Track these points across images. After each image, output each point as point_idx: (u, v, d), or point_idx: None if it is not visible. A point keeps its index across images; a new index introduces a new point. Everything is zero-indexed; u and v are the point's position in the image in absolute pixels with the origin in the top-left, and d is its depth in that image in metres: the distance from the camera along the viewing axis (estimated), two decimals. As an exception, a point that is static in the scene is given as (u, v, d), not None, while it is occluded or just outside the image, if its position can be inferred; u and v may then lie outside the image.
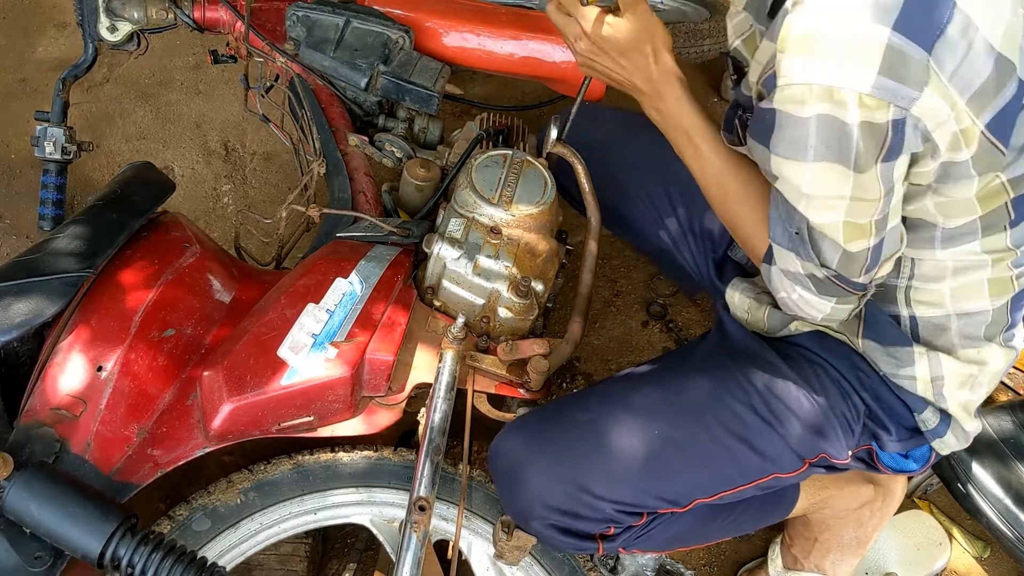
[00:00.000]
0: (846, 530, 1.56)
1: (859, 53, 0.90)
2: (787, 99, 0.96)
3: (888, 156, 0.96)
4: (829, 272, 1.09)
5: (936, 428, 1.22)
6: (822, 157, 0.97)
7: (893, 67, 0.90)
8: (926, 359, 1.18)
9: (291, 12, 1.65)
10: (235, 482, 1.35)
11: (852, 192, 0.99)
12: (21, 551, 1.13)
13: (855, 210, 1.01)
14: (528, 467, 1.21)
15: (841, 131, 0.94)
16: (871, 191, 0.99)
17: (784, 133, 0.99)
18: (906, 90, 0.91)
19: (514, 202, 1.44)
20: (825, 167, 0.97)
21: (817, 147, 0.96)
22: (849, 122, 0.93)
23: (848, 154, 0.95)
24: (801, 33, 0.93)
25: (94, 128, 2.37)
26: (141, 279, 1.34)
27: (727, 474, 1.23)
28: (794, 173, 1.01)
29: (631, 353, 2.08)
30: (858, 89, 0.90)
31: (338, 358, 1.26)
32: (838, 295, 1.12)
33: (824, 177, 0.99)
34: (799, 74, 0.93)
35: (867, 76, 0.90)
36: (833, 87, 0.91)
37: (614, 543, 1.27)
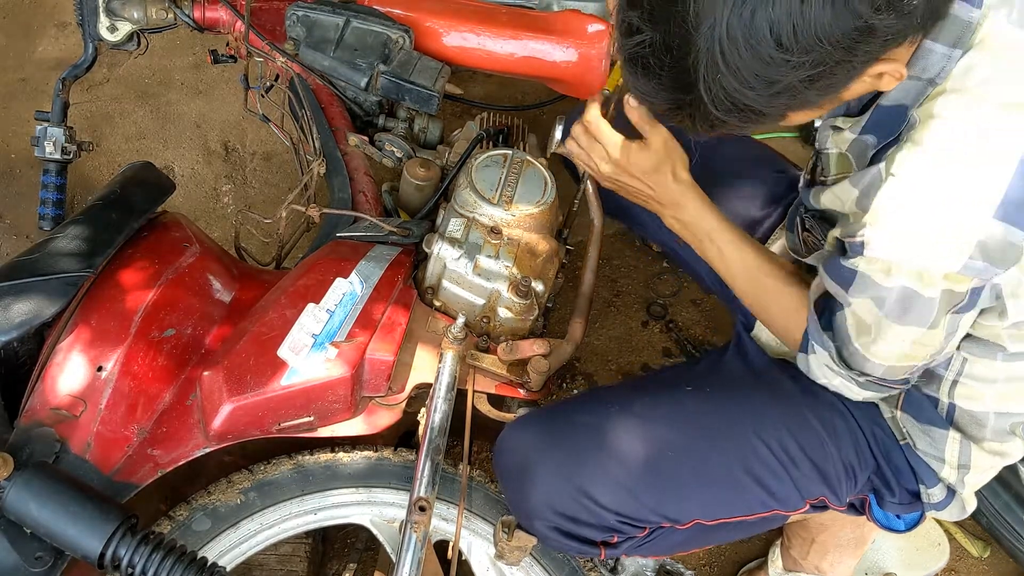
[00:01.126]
0: (844, 531, 1.56)
1: (955, 241, 0.90)
2: (873, 270, 0.97)
3: (960, 311, 0.98)
4: (872, 378, 1.11)
5: (938, 503, 1.23)
6: (896, 318, 0.99)
7: (987, 252, 0.90)
8: (957, 445, 1.18)
9: (291, 12, 1.65)
10: (235, 482, 1.35)
11: (916, 338, 1.02)
12: (21, 551, 1.13)
13: (915, 351, 1.03)
14: (538, 467, 1.20)
15: (921, 304, 0.96)
16: (936, 338, 1.02)
17: (863, 289, 1.00)
18: (994, 269, 0.92)
19: (514, 202, 1.44)
20: (895, 324, 1.00)
21: (893, 308, 0.98)
22: (930, 296, 0.95)
23: (924, 319, 0.98)
24: (896, 211, 0.93)
25: (94, 128, 2.37)
26: (141, 279, 1.34)
27: (731, 504, 1.24)
28: (866, 313, 1.02)
29: (631, 353, 2.08)
30: (947, 269, 0.92)
31: (338, 358, 1.26)
32: (880, 392, 1.14)
33: (892, 327, 1.01)
34: (889, 251, 0.94)
35: (959, 260, 0.91)
36: (923, 271, 0.93)
37: (616, 550, 1.26)
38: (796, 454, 1.21)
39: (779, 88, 0.86)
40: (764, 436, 1.21)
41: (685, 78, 0.88)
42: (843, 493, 1.24)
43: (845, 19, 0.82)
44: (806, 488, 1.22)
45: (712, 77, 0.86)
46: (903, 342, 1.02)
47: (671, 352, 2.10)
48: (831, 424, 1.22)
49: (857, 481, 1.23)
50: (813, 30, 0.82)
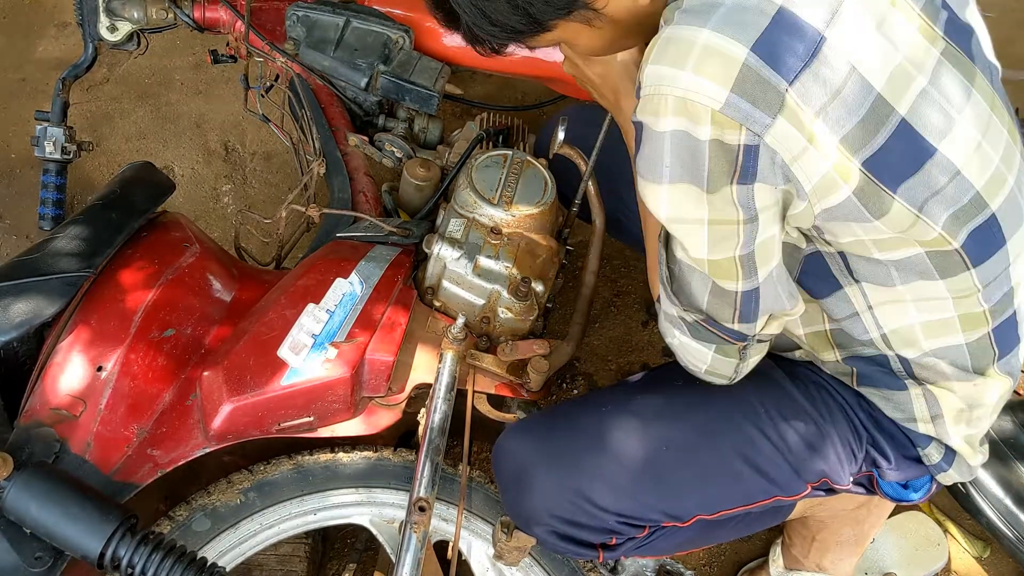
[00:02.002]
0: (844, 528, 1.56)
1: (714, 66, 0.90)
2: (646, 109, 0.95)
3: (742, 179, 0.95)
4: (698, 315, 1.09)
5: (939, 463, 1.21)
6: (677, 178, 0.96)
7: (746, 88, 0.90)
8: (922, 398, 1.17)
9: (291, 12, 1.65)
10: (235, 482, 1.35)
11: (709, 214, 0.98)
12: (21, 551, 1.13)
13: (716, 236, 1.00)
14: (535, 473, 1.20)
15: (694, 148, 0.93)
16: (728, 212, 0.98)
17: (644, 149, 0.99)
18: (758, 114, 0.90)
19: (514, 202, 1.44)
20: (680, 188, 0.97)
21: (672, 166, 0.96)
22: (701, 139, 0.92)
23: (700, 173, 0.95)
24: (664, 44, 0.93)
25: (94, 128, 2.37)
26: (141, 279, 1.34)
27: (732, 494, 1.23)
28: (653, 197, 1.01)
29: (631, 353, 2.08)
30: (710, 105, 0.90)
31: (338, 358, 1.26)
32: (714, 342, 1.12)
33: (680, 197, 0.98)
34: (656, 80, 0.93)
35: (720, 92, 0.90)
36: (687, 98, 0.91)
37: (615, 552, 1.26)
38: (791, 438, 1.20)
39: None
40: (758, 423, 1.21)
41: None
42: (844, 471, 1.23)
43: None
44: (805, 470, 1.22)
45: None
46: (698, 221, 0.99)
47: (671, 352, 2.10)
48: (822, 403, 1.22)
49: (856, 457, 1.23)
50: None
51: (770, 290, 1.06)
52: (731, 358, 1.14)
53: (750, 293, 1.05)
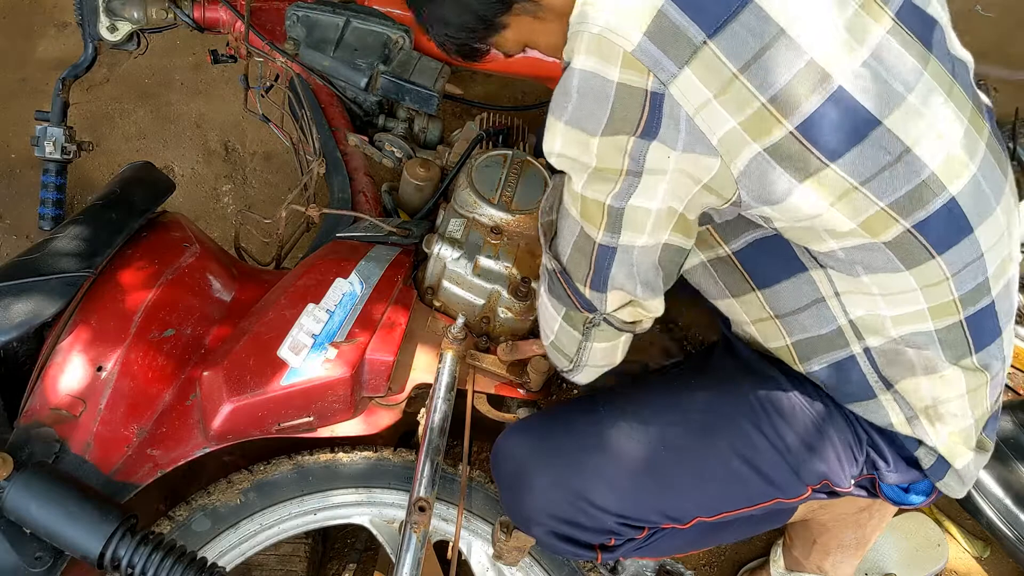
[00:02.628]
0: (845, 532, 1.56)
1: (632, 11, 0.91)
2: (568, 48, 0.97)
3: (644, 133, 0.95)
4: (557, 266, 1.11)
5: (933, 468, 1.20)
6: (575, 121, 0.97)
7: (661, 35, 0.91)
8: (894, 403, 1.16)
9: (291, 12, 1.65)
10: (235, 482, 1.35)
11: (596, 161, 0.98)
12: (21, 551, 1.13)
13: (596, 177, 1.00)
14: (534, 474, 1.20)
15: (601, 88, 0.94)
16: (614, 160, 0.97)
17: (559, 85, 0.99)
18: (667, 62, 0.91)
19: (514, 202, 1.44)
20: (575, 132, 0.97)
21: (576, 105, 0.96)
22: (610, 78, 0.93)
23: (600, 115, 0.95)
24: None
25: (94, 128, 2.37)
26: (141, 279, 1.34)
27: (732, 496, 1.23)
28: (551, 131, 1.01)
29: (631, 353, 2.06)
30: (622, 45, 0.91)
31: (338, 358, 1.26)
32: (564, 304, 1.13)
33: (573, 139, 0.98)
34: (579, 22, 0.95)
35: (634, 35, 0.91)
36: (602, 36, 0.92)
37: (613, 553, 1.26)
38: (790, 438, 1.20)
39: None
40: (756, 424, 1.20)
41: None
42: (845, 473, 1.22)
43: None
44: (805, 471, 1.21)
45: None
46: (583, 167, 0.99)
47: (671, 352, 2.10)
48: (820, 404, 1.21)
49: (857, 459, 1.22)
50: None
51: (626, 262, 1.06)
52: (575, 331, 1.15)
53: (606, 250, 1.05)
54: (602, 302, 1.11)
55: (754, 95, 0.93)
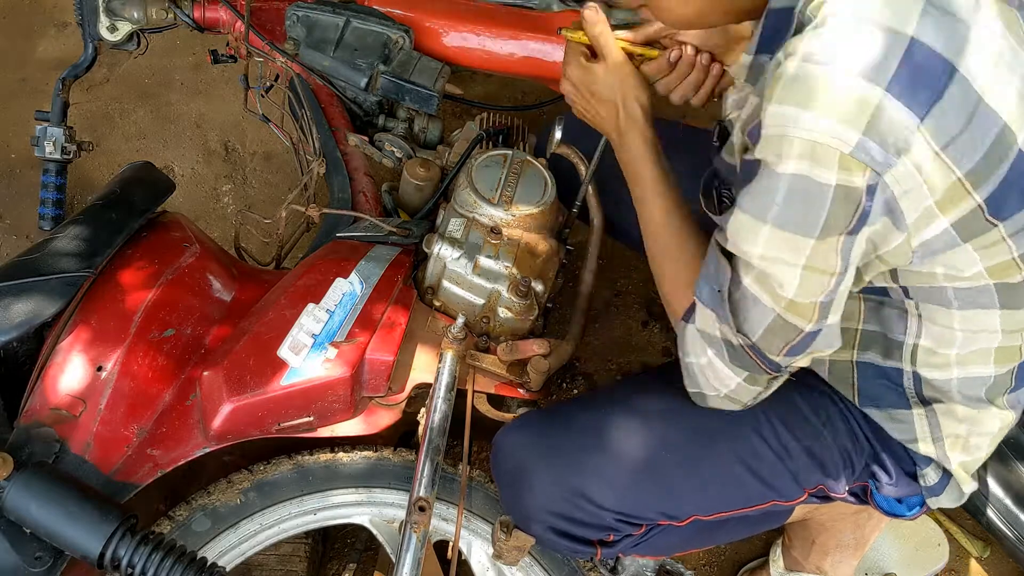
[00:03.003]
0: (844, 531, 1.56)
1: (847, 110, 0.87)
2: (769, 149, 0.92)
3: (855, 228, 0.93)
4: (746, 341, 1.05)
5: (934, 486, 1.21)
6: (783, 223, 0.94)
7: (879, 129, 0.87)
8: (925, 420, 1.16)
9: (291, 12, 1.65)
10: (235, 482, 1.35)
11: (807, 261, 0.95)
12: (21, 551, 1.13)
13: (807, 281, 0.97)
14: (533, 471, 1.20)
15: (814, 193, 0.90)
16: (828, 262, 0.95)
17: (756, 185, 0.95)
18: (885, 155, 0.88)
19: (514, 202, 1.44)
20: (784, 234, 0.94)
21: (783, 209, 0.93)
22: (825, 183, 0.89)
23: (814, 220, 0.92)
24: (790, 82, 0.89)
25: (94, 128, 2.37)
26: (141, 279, 1.34)
27: (730, 497, 1.23)
28: (749, 232, 0.97)
29: (631, 353, 2.08)
30: (840, 148, 0.87)
31: (338, 358, 1.26)
32: (750, 369, 1.08)
33: (780, 241, 0.95)
34: (782, 124, 0.89)
35: (852, 135, 0.87)
36: (816, 141, 0.88)
37: (612, 549, 1.26)
38: (791, 444, 1.20)
39: None
40: (758, 428, 1.20)
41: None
42: (842, 480, 1.23)
43: None
44: (804, 477, 1.21)
45: None
46: (793, 266, 0.96)
47: (671, 352, 2.10)
48: (825, 412, 1.21)
49: (855, 468, 1.22)
50: None
51: (831, 332, 1.04)
52: (757, 387, 1.11)
53: (814, 334, 1.02)
54: (795, 362, 1.07)
55: (952, 170, 0.90)
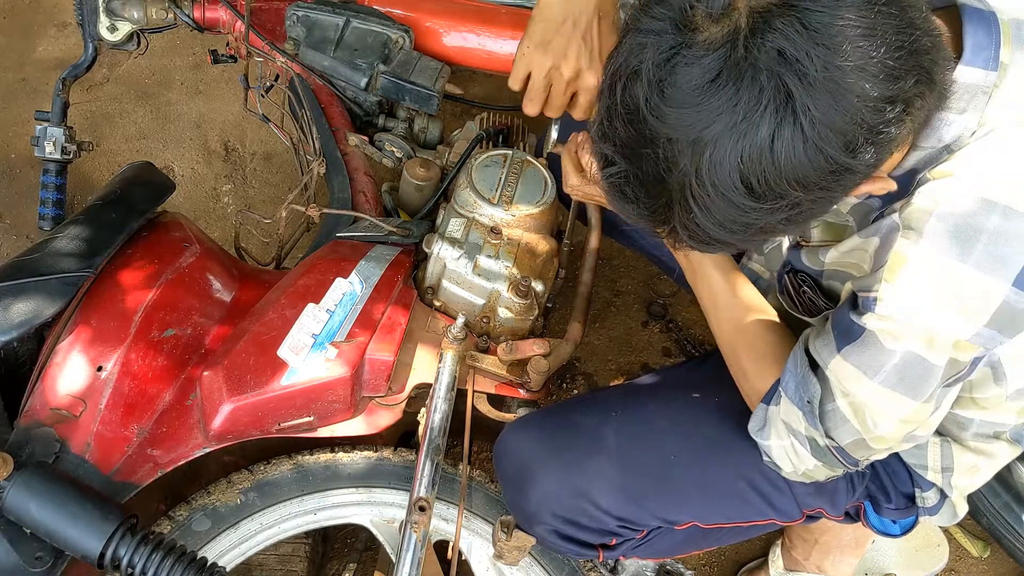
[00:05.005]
0: (845, 531, 1.56)
1: (972, 307, 0.87)
2: (883, 330, 0.92)
3: (951, 384, 0.96)
4: (832, 444, 1.06)
5: (932, 507, 1.22)
6: (891, 386, 0.95)
7: (1000, 321, 0.87)
8: (939, 449, 1.17)
9: (291, 12, 1.65)
10: (235, 482, 1.35)
11: (906, 416, 0.98)
12: (21, 551, 1.13)
13: (900, 427, 1.00)
14: (539, 471, 1.20)
15: (924, 370, 0.92)
16: (923, 414, 0.98)
17: (865, 349, 0.95)
18: (1001, 337, 0.89)
19: (514, 202, 1.44)
20: (890, 394, 0.96)
21: (890, 375, 0.94)
22: (936, 363, 0.91)
23: (921, 389, 0.94)
24: (914, 270, 0.88)
25: (94, 128, 2.37)
26: (141, 279, 1.34)
27: (731, 512, 1.23)
28: (855, 383, 0.98)
29: (631, 353, 2.08)
30: (958, 337, 0.88)
31: (338, 358, 1.26)
32: (830, 463, 1.09)
33: (885, 398, 0.97)
34: (903, 311, 0.89)
35: (973, 327, 0.88)
36: (935, 334, 0.89)
37: (614, 552, 1.27)
38: None
39: (755, 229, 0.84)
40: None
41: (662, 213, 0.86)
42: (841, 504, 1.24)
43: (819, 163, 0.77)
44: (805, 500, 1.22)
45: (687, 217, 0.84)
46: (891, 417, 0.99)
47: (671, 352, 2.10)
48: None
49: (855, 491, 1.23)
50: (784, 175, 0.78)
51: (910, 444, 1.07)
52: (833, 472, 1.12)
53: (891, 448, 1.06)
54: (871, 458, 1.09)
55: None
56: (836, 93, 0.75)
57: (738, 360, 1.19)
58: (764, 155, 0.77)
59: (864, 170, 0.82)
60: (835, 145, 0.77)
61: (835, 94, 0.75)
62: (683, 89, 0.78)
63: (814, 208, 0.84)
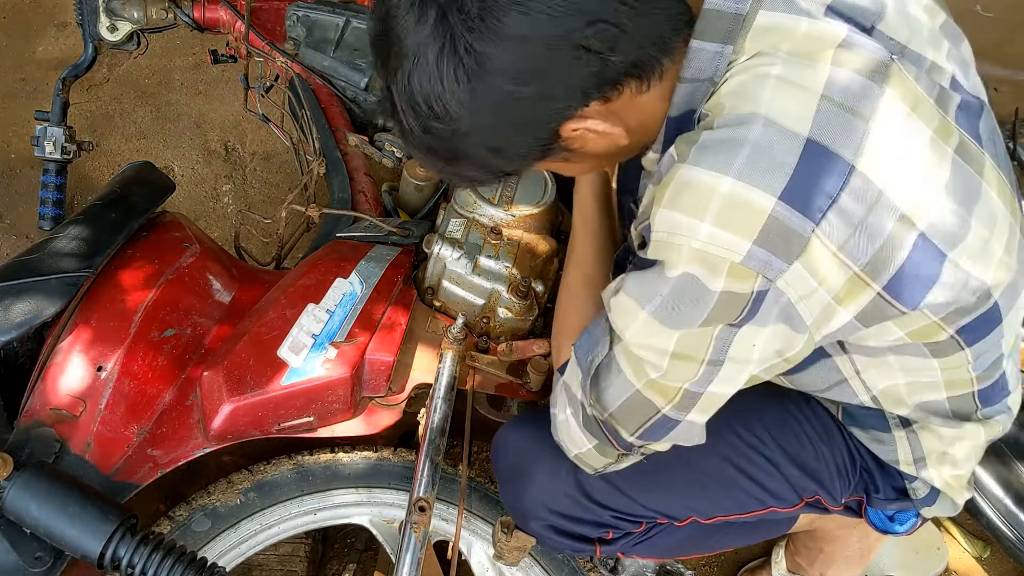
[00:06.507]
0: (851, 540, 1.56)
1: (739, 220, 0.83)
2: (659, 253, 0.89)
3: (738, 323, 0.90)
4: (600, 414, 1.03)
5: (925, 498, 1.21)
6: (663, 317, 0.91)
7: (771, 238, 0.83)
8: (906, 441, 1.16)
9: (291, 12, 1.65)
10: (235, 482, 1.35)
11: (675, 348, 0.92)
12: (21, 551, 1.13)
13: (673, 367, 0.94)
14: (533, 467, 1.20)
15: (698, 296, 0.87)
16: (697, 349, 0.92)
17: (645, 274, 0.92)
18: (777, 261, 0.84)
19: (514, 202, 1.44)
20: (658, 326, 0.91)
21: (665, 303, 0.90)
22: (712, 289, 0.86)
23: (693, 318, 0.89)
24: (679, 188, 0.86)
25: (94, 128, 2.37)
26: (141, 279, 1.34)
27: (728, 502, 1.23)
28: (627, 313, 0.94)
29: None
30: (729, 257, 0.84)
31: (338, 358, 1.26)
32: (600, 440, 1.06)
33: (654, 330, 0.92)
34: (673, 233, 0.86)
35: (742, 244, 0.83)
36: (705, 250, 0.85)
37: (612, 547, 1.27)
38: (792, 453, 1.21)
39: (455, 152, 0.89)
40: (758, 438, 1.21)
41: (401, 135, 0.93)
42: (837, 493, 1.23)
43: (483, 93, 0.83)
44: (800, 486, 1.22)
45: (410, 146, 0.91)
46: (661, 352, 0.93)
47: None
48: (823, 426, 1.22)
49: (850, 481, 1.23)
50: (453, 101, 0.84)
51: (693, 429, 1.02)
52: (606, 458, 1.09)
53: (670, 421, 1.00)
54: (648, 447, 1.06)
55: (848, 266, 0.86)
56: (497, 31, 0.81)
57: (559, 327, 1.20)
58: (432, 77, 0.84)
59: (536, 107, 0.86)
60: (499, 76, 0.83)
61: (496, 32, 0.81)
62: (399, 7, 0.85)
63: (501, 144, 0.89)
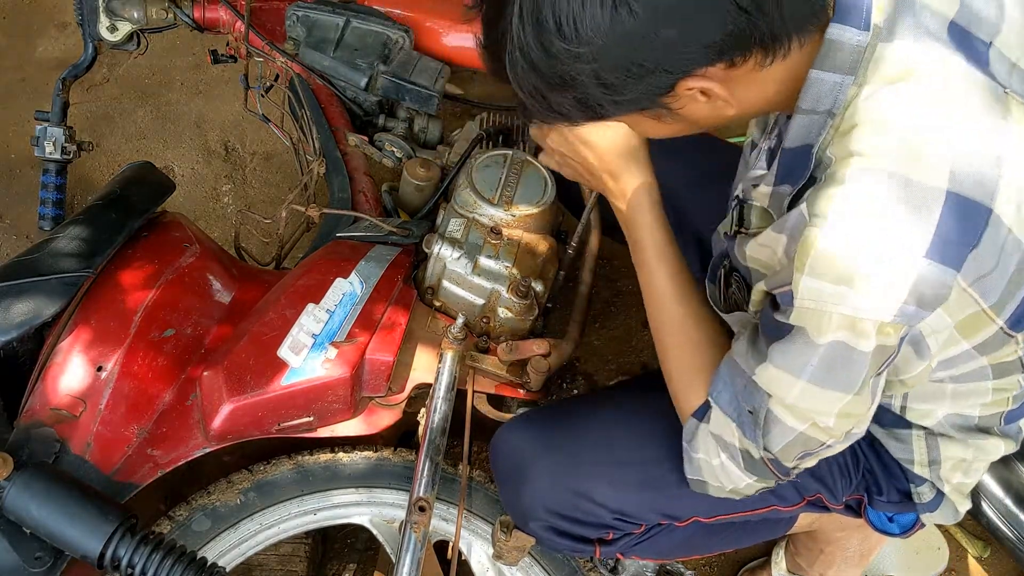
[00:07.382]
0: (851, 542, 1.56)
1: (887, 284, 0.84)
2: (804, 320, 0.89)
3: (882, 370, 0.93)
4: (767, 455, 1.04)
5: (928, 503, 1.21)
6: (819, 381, 0.93)
7: (919, 295, 0.84)
8: (923, 442, 1.16)
9: (291, 12, 1.65)
10: (235, 482, 1.35)
11: (842, 409, 0.96)
12: (21, 551, 1.13)
13: (840, 422, 0.98)
14: (532, 468, 1.20)
15: (851, 359, 0.90)
16: (861, 406, 0.97)
17: (790, 346, 0.93)
18: (923, 313, 0.87)
19: (514, 202, 1.44)
20: (818, 390, 0.94)
21: (818, 369, 0.92)
22: (863, 350, 0.89)
23: (851, 381, 0.92)
24: (823, 257, 0.85)
25: (94, 128, 2.37)
26: (141, 279, 1.34)
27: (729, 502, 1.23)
28: (784, 384, 0.96)
29: (631, 353, 2.08)
30: (880, 319, 0.85)
31: (338, 358, 1.26)
32: (763, 476, 1.08)
33: (815, 395, 0.95)
34: (819, 301, 0.87)
35: (892, 307, 0.85)
36: (856, 317, 0.86)
37: (612, 548, 1.26)
38: None
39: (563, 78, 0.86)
40: None
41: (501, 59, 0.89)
42: (839, 492, 1.23)
43: (623, 24, 0.81)
44: (801, 484, 1.22)
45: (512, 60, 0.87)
46: (827, 414, 0.97)
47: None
48: None
49: (852, 480, 1.23)
50: (590, 24, 0.81)
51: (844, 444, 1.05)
52: (762, 485, 1.11)
53: (832, 446, 1.03)
54: (803, 465, 1.08)
55: (978, 303, 0.89)
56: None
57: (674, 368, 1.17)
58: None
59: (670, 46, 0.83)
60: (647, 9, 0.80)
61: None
62: None
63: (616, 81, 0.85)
